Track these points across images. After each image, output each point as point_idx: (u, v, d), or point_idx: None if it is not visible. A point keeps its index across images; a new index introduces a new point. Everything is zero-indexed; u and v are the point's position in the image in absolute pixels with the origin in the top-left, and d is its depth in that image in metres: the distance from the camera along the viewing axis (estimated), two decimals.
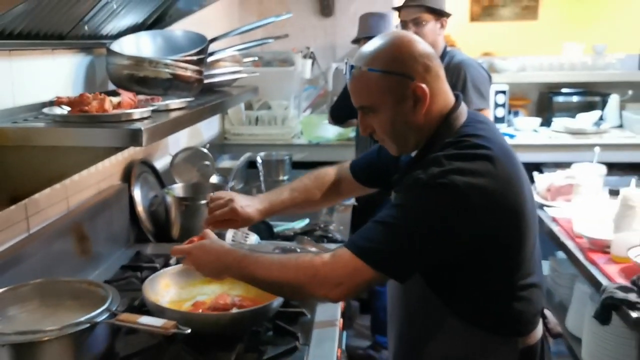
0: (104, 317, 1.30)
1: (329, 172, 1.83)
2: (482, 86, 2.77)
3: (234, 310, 1.57)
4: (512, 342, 1.40)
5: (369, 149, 1.81)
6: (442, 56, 2.84)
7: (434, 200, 1.25)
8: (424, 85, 1.32)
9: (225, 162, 3.63)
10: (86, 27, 1.81)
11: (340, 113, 3.37)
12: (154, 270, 2.02)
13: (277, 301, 1.58)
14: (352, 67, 1.38)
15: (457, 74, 2.76)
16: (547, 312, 1.50)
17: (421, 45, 1.36)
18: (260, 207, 1.72)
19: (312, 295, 1.34)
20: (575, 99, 4.55)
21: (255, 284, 1.42)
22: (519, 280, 1.37)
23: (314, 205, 1.87)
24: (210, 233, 1.51)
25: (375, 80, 1.33)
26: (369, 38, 3.10)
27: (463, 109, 1.41)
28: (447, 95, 1.40)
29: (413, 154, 1.44)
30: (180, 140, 3.03)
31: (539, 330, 1.46)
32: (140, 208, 2.37)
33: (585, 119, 4.24)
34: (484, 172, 1.26)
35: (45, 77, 1.74)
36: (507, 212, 1.29)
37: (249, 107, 4.22)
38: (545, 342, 1.49)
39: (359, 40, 3.33)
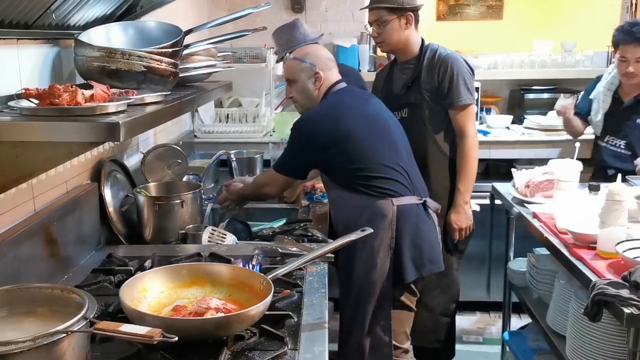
0: (80, 325, 1.20)
1: None
2: (468, 80, 2.74)
3: (220, 315, 1.48)
4: None
5: None
6: (422, 50, 2.79)
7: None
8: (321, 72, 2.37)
9: (196, 161, 3.53)
10: (54, 16, 1.70)
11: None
12: (128, 273, 1.92)
13: (264, 304, 1.50)
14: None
15: (445, 68, 2.72)
16: None
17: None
18: None
19: None
20: (546, 96, 4.57)
21: None
22: None
23: None
24: None
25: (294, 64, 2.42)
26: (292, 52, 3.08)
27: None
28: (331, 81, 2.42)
29: None
30: (150, 138, 2.92)
31: None
32: (111, 208, 2.26)
33: (557, 116, 4.25)
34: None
35: (10, 70, 1.64)
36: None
37: (218, 104, 4.11)
38: None
39: (283, 58, 3.12)
